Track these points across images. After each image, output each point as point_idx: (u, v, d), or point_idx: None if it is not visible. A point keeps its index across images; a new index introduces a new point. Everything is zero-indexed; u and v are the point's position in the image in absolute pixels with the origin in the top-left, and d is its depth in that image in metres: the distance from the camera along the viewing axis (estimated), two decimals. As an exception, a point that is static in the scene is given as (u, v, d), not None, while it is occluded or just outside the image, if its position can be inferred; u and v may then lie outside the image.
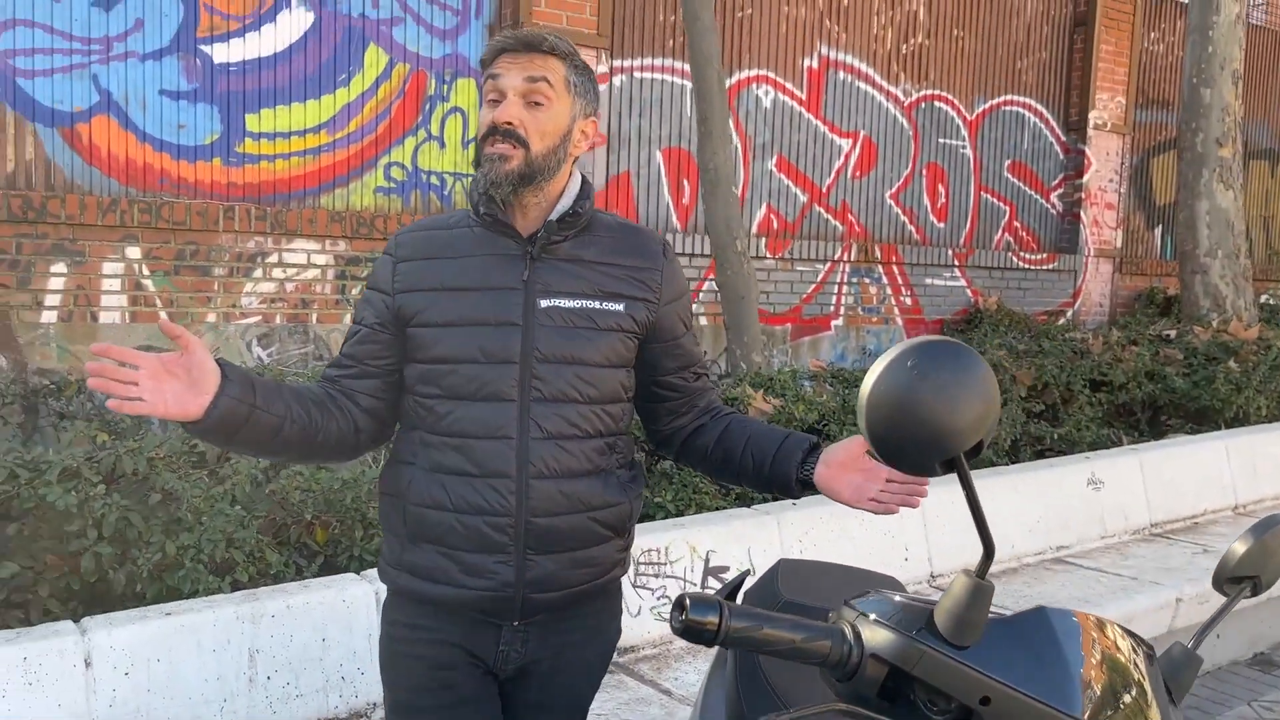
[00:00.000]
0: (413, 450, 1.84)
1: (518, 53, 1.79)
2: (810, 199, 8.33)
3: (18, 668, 2.74)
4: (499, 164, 1.76)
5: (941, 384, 1.07)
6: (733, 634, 1.13)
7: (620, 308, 1.84)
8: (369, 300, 1.90)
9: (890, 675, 1.16)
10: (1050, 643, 1.20)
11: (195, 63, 5.85)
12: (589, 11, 6.91)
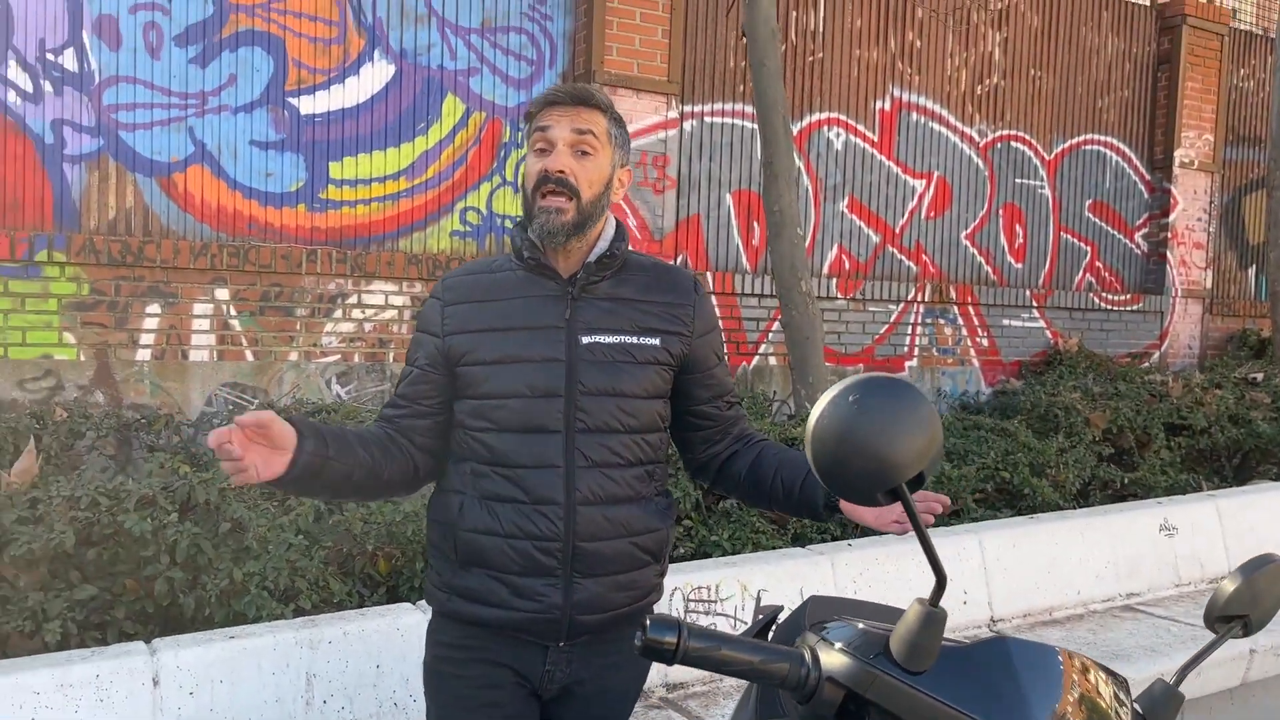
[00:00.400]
0: (463, 480, 1.94)
1: (566, 106, 1.90)
2: (883, 240, 8.33)
3: (91, 685, 2.91)
4: (555, 216, 1.88)
5: (881, 418, 1.13)
6: (691, 653, 1.19)
7: (656, 342, 1.95)
8: (420, 342, 2.01)
9: (847, 698, 1.21)
10: (1006, 672, 1.23)
11: (283, 114, 6.16)
12: (659, 59, 7.07)
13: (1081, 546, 4.74)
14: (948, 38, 8.53)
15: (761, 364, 7.66)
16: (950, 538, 4.45)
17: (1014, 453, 5.07)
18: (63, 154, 5.65)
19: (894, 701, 1.17)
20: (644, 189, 7.08)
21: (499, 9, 6.77)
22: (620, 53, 6.93)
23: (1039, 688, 1.27)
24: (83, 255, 5.55)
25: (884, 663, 1.19)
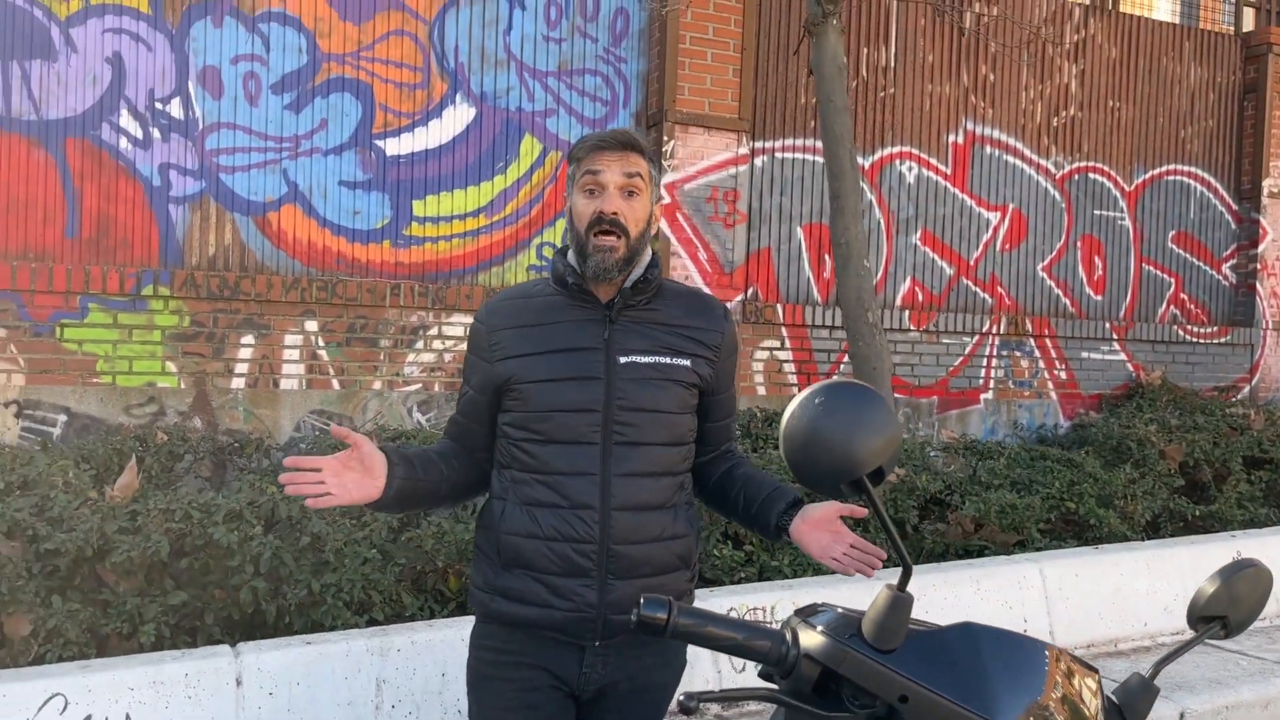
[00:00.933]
0: (504, 487, 2.10)
1: (615, 151, 2.07)
2: (957, 272, 8.34)
3: (180, 683, 3.15)
4: (609, 254, 2.04)
5: (843, 419, 1.26)
6: (680, 628, 1.33)
7: (687, 363, 2.12)
8: (472, 365, 2.19)
9: (823, 674, 1.33)
10: (973, 655, 1.34)
11: (370, 156, 6.51)
12: (730, 97, 7.26)
13: (1148, 578, 4.70)
14: (1022, 71, 8.54)
15: (833, 395, 7.71)
16: (1011, 566, 4.47)
17: (1080, 483, 5.05)
18: (168, 195, 6.06)
19: (863, 676, 1.29)
20: (714, 223, 7.24)
21: (575, 52, 7.04)
22: (692, 92, 7.13)
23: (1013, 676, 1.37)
24: (184, 289, 5.93)
25: (856, 642, 1.32)
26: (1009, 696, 1.33)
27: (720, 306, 2.24)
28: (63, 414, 5.73)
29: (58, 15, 5.81)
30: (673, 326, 2.13)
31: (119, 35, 5.94)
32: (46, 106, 5.79)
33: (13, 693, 2.97)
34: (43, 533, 3.32)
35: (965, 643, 1.36)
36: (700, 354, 2.14)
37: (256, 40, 6.22)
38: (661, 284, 2.18)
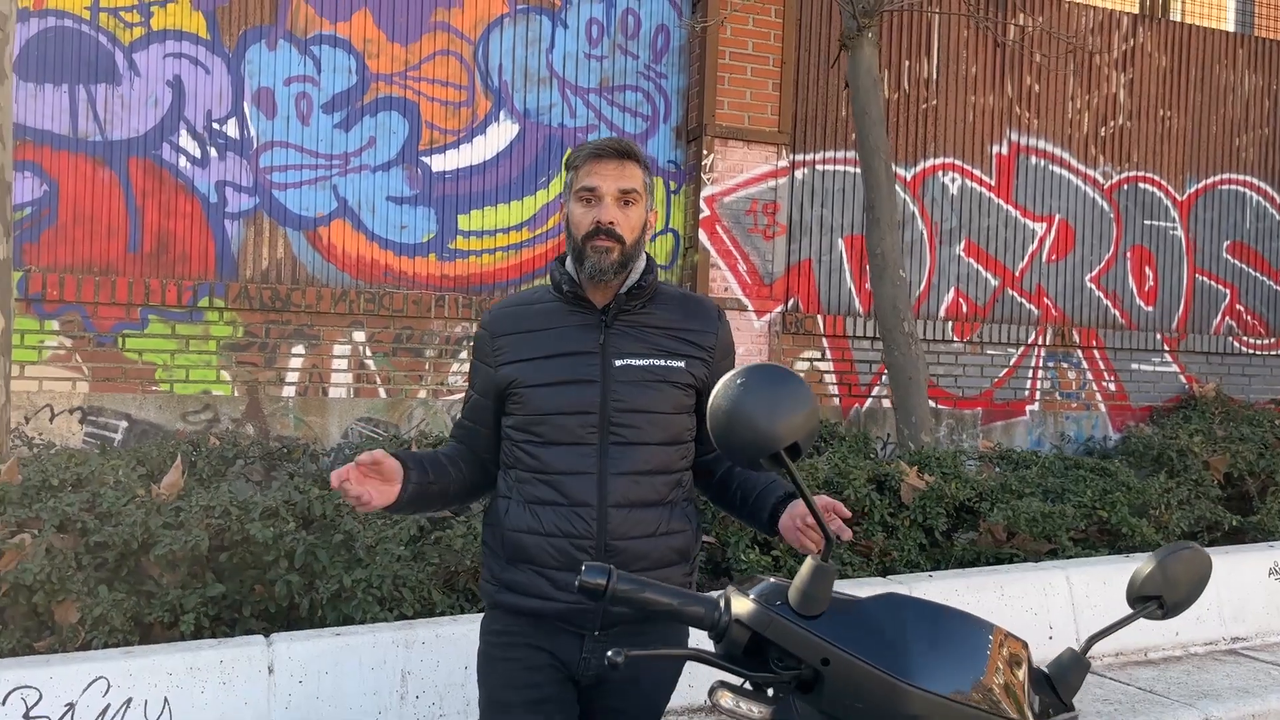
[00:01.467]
0: (509, 486, 2.20)
1: (612, 161, 2.14)
2: (1002, 283, 8.30)
3: (215, 669, 3.32)
4: (605, 255, 2.11)
5: (762, 397, 1.35)
6: (618, 594, 1.43)
7: (681, 364, 2.19)
8: (476, 370, 2.27)
9: (753, 639, 1.42)
10: (895, 622, 1.42)
11: (416, 172, 6.72)
12: (770, 111, 7.35)
13: (1180, 587, 4.66)
14: (1069, 81, 8.50)
15: (875, 406, 7.74)
16: (1036, 573, 4.48)
17: (1112, 491, 5.02)
18: (224, 211, 6.32)
19: (788, 640, 1.38)
20: (754, 235, 7.33)
21: (616, 69, 7.20)
22: (731, 106, 7.24)
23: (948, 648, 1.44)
24: (238, 301, 6.18)
25: (783, 609, 1.40)
26: (939, 665, 1.40)
27: (714, 308, 2.31)
28: (124, 420, 6.01)
29: (122, 41, 6.11)
30: (667, 329, 2.20)
31: (179, 59, 6.23)
32: (111, 128, 6.09)
33: (59, 675, 3.16)
34: (92, 526, 3.52)
35: (888, 612, 1.44)
36: (695, 355, 2.21)
37: (308, 62, 6.48)
38: (657, 288, 2.24)
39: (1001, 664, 1.48)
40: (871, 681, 1.36)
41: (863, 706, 1.37)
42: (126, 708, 3.21)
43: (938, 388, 7.93)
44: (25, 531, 3.48)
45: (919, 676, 1.37)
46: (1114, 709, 3.89)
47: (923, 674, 1.38)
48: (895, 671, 1.36)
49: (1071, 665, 1.55)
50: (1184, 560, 1.64)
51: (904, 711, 1.36)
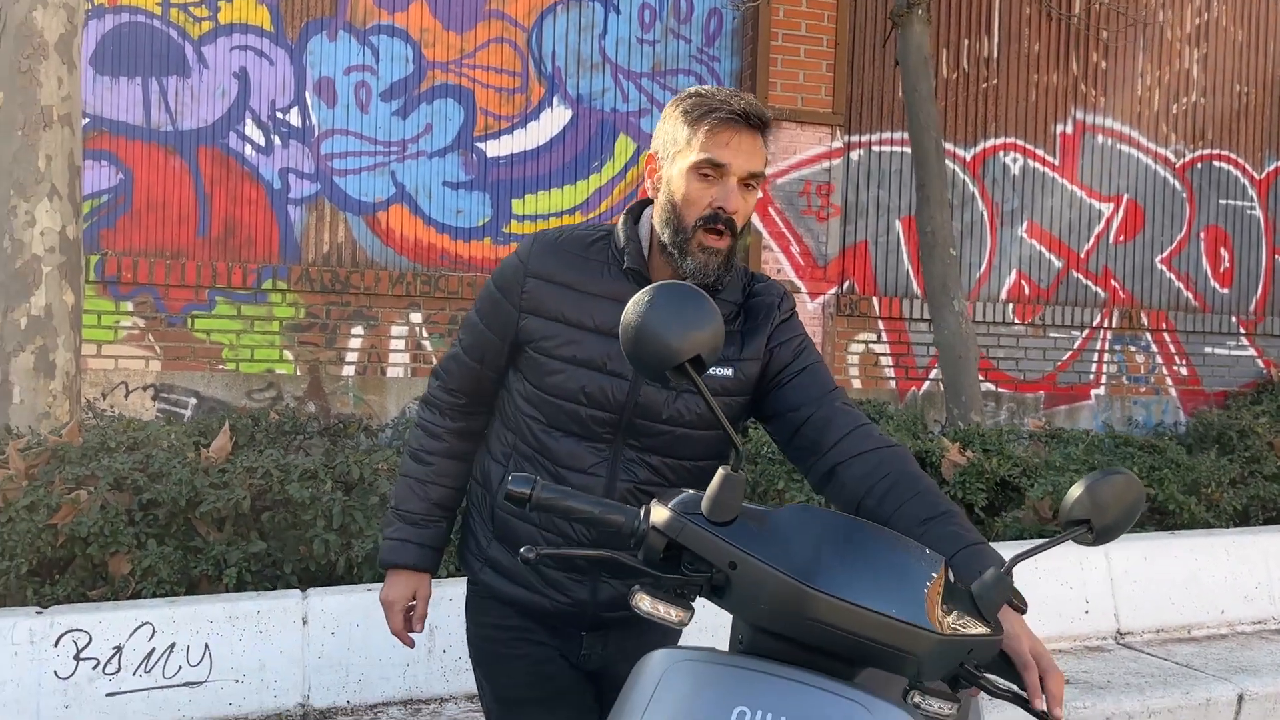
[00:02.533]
0: (505, 451, 1.92)
1: (747, 132, 1.73)
2: (1066, 264, 8.14)
3: (253, 619, 3.50)
4: (715, 256, 1.75)
5: (665, 312, 1.41)
6: (542, 502, 1.50)
7: (729, 373, 1.82)
8: (494, 302, 1.89)
9: (669, 546, 1.48)
10: (804, 531, 1.46)
11: (472, 158, 6.88)
12: (824, 92, 7.34)
13: (1228, 564, 4.56)
14: (1138, 57, 8.29)
15: (932, 389, 7.66)
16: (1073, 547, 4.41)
17: (1160, 469, 4.92)
18: (287, 197, 6.57)
19: (698, 544, 1.44)
20: (807, 217, 7.32)
21: (669, 53, 7.26)
22: (784, 88, 7.24)
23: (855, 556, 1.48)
24: (300, 284, 6.42)
25: (696, 517, 1.46)
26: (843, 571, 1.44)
27: (776, 296, 1.92)
28: (193, 397, 6.29)
29: (191, 35, 6.39)
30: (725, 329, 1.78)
31: (244, 51, 6.49)
32: (181, 118, 6.38)
33: (109, 620, 3.36)
34: (143, 485, 3.73)
35: (797, 521, 1.48)
36: (748, 358, 1.85)
37: (367, 51, 6.69)
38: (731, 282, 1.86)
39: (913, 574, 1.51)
40: (774, 584, 1.41)
41: (766, 608, 1.43)
42: (170, 652, 3.40)
43: (998, 371, 7.82)
44: (83, 489, 3.70)
45: (820, 580, 1.42)
46: (1144, 681, 3.83)
47: (824, 578, 1.42)
48: (797, 574, 1.41)
49: (994, 584, 1.57)
50: (1113, 485, 1.64)
51: (804, 613, 1.40)
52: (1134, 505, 1.69)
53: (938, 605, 1.50)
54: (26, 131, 4.61)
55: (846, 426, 1.79)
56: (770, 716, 1.41)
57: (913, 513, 1.69)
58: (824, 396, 1.83)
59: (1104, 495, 1.63)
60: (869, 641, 1.45)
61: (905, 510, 1.70)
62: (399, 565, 2.01)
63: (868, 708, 1.42)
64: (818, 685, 1.43)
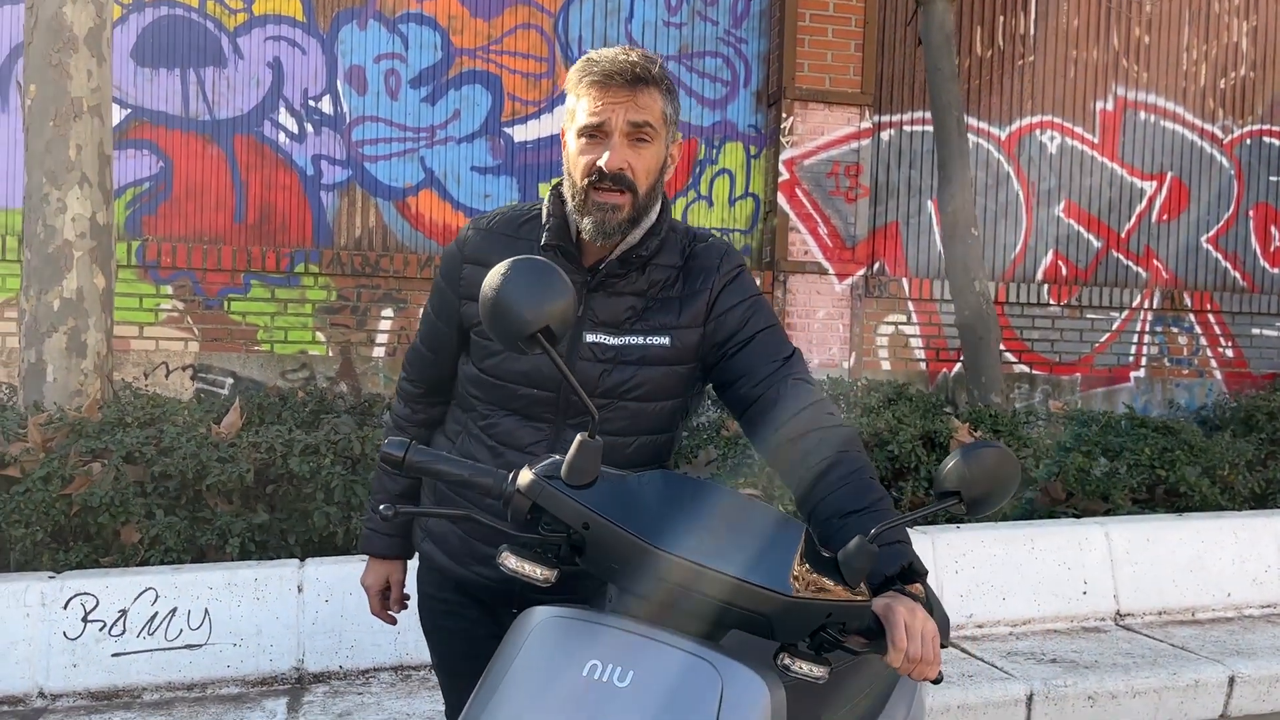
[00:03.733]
0: (456, 430, 1.99)
1: (622, 89, 1.71)
2: (1106, 244, 7.99)
3: (250, 586, 3.67)
4: (611, 214, 1.74)
5: (518, 285, 1.49)
6: (414, 464, 1.59)
7: (665, 341, 1.82)
8: (440, 291, 1.95)
9: (532, 509, 1.56)
10: (658, 494, 1.53)
11: (499, 142, 7.00)
12: (852, 72, 7.29)
13: (1235, 547, 4.48)
14: (1182, 31, 8.08)
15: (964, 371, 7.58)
16: (1072, 527, 4.39)
17: (1172, 450, 4.84)
18: (320, 183, 6.76)
19: (555, 506, 1.51)
20: (835, 198, 7.30)
21: (695, 36, 7.28)
22: (812, 68, 7.22)
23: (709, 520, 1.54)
24: (332, 267, 6.61)
25: (555, 480, 1.54)
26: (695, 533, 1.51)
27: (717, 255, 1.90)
28: (229, 377, 6.53)
29: (227, 27, 6.61)
30: (660, 297, 1.84)
31: (278, 42, 6.68)
32: (218, 107, 6.60)
33: (114, 585, 3.56)
34: (153, 458, 3.92)
35: (652, 485, 1.55)
36: (686, 326, 1.83)
37: (396, 39, 6.83)
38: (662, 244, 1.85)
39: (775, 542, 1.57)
40: (622, 544, 1.48)
41: (618, 567, 1.50)
42: (172, 616, 3.59)
43: (1032, 353, 7.72)
44: (98, 461, 3.90)
45: (666, 541, 1.48)
46: (1132, 661, 3.81)
47: (671, 539, 1.49)
48: (644, 535, 1.48)
49: (856, 552, 1.62)
50: (985, 458, 1.66)
51: (651, 572, 1.47)
52: (1006, 479, 1.72)
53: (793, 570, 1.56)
54: (58, 122, 4.83)
55: (794, 405, 1.78)
56: (619, 670, 1.48)
57: (837, 504, 1.71)
58: (775, 370, 1.81)
59: (975, 468, 1.66)
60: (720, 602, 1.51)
61: (830, 500, 1.72)
62: (373, 553, 2.15)
63: (715, 666, 1.49)
64: (671, 643, 1.50)
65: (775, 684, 1.52)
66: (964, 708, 3.51)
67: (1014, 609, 4.20)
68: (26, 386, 4.76)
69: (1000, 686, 3.58)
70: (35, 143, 4.84)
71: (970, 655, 3.90)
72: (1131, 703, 3.65)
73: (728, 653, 1.51)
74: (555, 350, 1.52)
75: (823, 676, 1.57)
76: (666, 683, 1.47)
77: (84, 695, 3.47)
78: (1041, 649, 3.96)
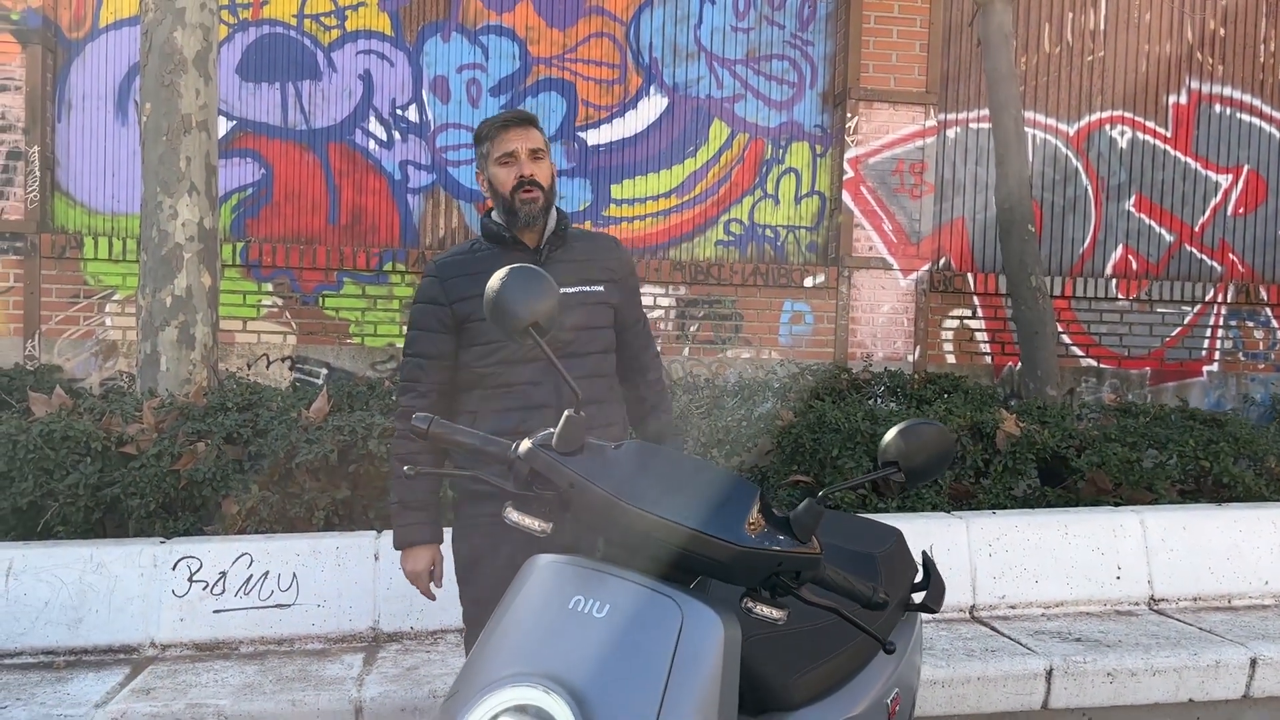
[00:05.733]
0: (473, 402, 2.61)
1: (519, 128, 2.59)
2: (1179, 238, 7.98)
3: (333, 553, 4.09)
4: (533, 204, 2.57)
5: (517, 287, 1.82)
6: (435, 435, 1.93)
7: (601, 289, 2.68)
8: (428, 313, 2.62)
9: (530, 472, 1.88)
10: (633, 462, 1.84)
11: (574, 146, 7.36)
12: (916, 72, 7.45)
13: (1274, 536, 4.57)
14: (1260, 23, 8.00)
15: (1029, 364, 7.67)
16: (1107, 515, 4.54)
17: (1218, 441, 4.93)
18: (406, 187, 7.22)
19: (546, 469, 1.83)
20: (900, 195, 7.47)
21: (763, 40, 7.54)
22: (876, 69, 7.41)
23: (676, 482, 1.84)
24: (418, 266, 7.06)
25: (547, 449, 1.86)
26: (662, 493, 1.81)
27: (615, 240, 2.81)
28: (324, 368, 7.04)
29: (322, 43, 7.11)
30: (585, 261, 2.67)
31: (368, 55, 7.16)
32: (314, 117, 7.12)
33: (215, 550, 4.02)
34: (248, 439, 4.38)
35: (629, 455, 1.86)
36: (610, 279, 2.69)
37: (477, 50, 7.25)
38: (568, 229, 2.71)
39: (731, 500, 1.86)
40: (598, 500, 1.79)
41: (597, 520, 1.82)
42: (264, 579, 4.03)
43: (1100, 347, 7.77)
44: (202, 441, 4.38)
45: (634, 497, 1.79)
46: (1154, 642, 3.97)
47: (639, 496, 1.79)
48: (618, 494, 1.79)
49: (806, 510, 1.89)
50: (922, 433, 1.93)
51: (620, 523, 1.79)
52: (942, 454, 1.98)
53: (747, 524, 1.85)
54: (169, 137, 5.35)
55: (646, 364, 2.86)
56: (597, 604, 1.80)
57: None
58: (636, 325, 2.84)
59: (912, 442, 1.93)
60: (683, 550, 1.81)
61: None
62: (415, 543, 2.64)
63: (679, 603, 1.79)
64: (642, 582, 1.81)
65: (732, 621, 1.81)
66: (983, 679, 3.73)
67: (1046, 591, 4.38)
68: (143, 375, 5.30)
69: (1020, 661, 3.79)
70: (150, 155, 5.37)
71: (998, 633, 4.10)
72: (1151, 680, 3.82)
73: (690, 592, 1.81)
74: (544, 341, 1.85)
75: (781, 618, 1.87)
76: (635, 614, 1.78)
77: (189, 646, 3.93)
78: (1070, 629, 4.15)
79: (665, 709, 1.71)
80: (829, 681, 2.31)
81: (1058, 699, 3.79)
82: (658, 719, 1.69)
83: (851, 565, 2.56)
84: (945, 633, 4.11)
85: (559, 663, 1.75)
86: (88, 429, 4.31)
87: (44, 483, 4.21)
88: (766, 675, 2.17)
